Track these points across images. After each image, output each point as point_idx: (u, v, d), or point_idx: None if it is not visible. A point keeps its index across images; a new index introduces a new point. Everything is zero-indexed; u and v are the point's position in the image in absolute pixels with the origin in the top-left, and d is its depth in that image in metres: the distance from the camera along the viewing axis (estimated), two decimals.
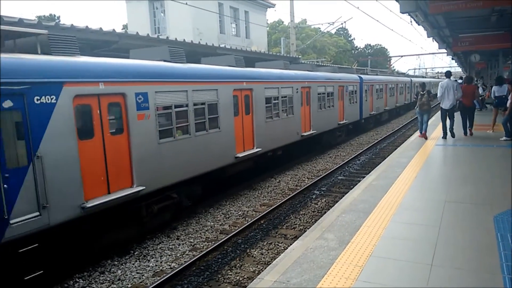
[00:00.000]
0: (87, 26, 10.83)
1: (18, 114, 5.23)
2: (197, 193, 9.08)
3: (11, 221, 5.03)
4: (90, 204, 6.00)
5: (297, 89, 13.39)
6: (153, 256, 7.04)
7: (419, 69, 74.14)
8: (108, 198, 6.30)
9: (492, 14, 8.91)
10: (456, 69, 53.20)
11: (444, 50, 22.44)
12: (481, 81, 23.20)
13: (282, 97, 12.37)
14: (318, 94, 15.29)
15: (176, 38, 14.23)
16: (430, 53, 48.81)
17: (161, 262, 6.77)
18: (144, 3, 21.81)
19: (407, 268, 3.80)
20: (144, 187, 6.98)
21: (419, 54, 64.70)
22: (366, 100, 21.55)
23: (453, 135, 11.60)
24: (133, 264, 6.75)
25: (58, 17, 43.79)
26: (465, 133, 11.91)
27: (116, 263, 6.84)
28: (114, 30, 11.72)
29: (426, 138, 12.00)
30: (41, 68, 5.64)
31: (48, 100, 5.60)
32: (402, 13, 7.77)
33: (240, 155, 10.11)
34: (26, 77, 5.33)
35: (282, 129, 12.38)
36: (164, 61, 8.47)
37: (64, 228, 5.80)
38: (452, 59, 32.52)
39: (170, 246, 7.42)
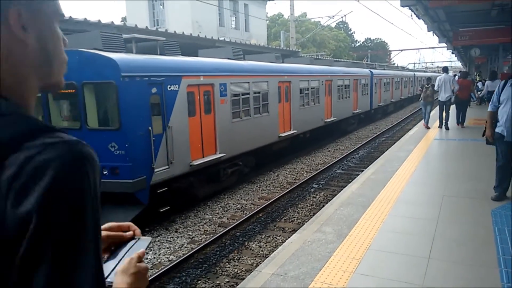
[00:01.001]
0: (85, 19, 10.78)
1: (158, 97, 7.56)
2: (252, 163, 11.25)
3: (155, 170, 7.40)
4: (194, 163, 8.44)
5: (322, 82, 15.73)
6: (151, 248, 7.06)
7: (419, 63, 74.00)
8: (203, 160, 8.75)
9: (492, 8, 8.86)
10: (456, 63, 53.14)
11: (444, 44, 22.36)
12: (479, 76, 23.20)
13: (311, 88, 14.72)
14: (338, 86, 17.70)
15: (175, 31, 14.17)
16: (430, 47, 48.69)
17: (159, 255, 6.79)
18: None
19: (405, 261, 3.81)
20: (224, 154, 9.44)
21: (419, 48, 64.81)
22: (375, 93, 23.65)
23: (447, 128, 12.46)
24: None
25: None
26: (458, 123, 12.90)
27: None
28: (112, 22, 11.68)
29: (428, 128, 13.07)
30: (170, 65, 8.18)
31: (174, 88, 7.92)
32: (403, 6, 7.73)
33: (282, 134, 12.58)
34: (163, 72, 7.75)
35: (311, 115, 14.78)
36: (228, 58, 10.77)
37: (179, 178, 8.17)
38: (452, 53, 32.43)
39: (169, 239, 7.44)
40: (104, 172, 7.08)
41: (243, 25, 24.66)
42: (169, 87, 7.80)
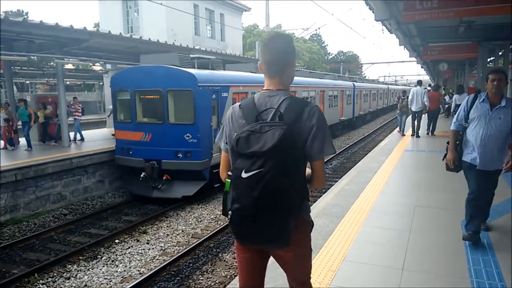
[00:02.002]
0: (57, 23, 10.48)
1: (215, 102, 10.36)
2: None
3: (213, 155, 10.03)
4: None
5: (317, 92, 19.32)
6: (122, 261, 6.83)
7: (389, 76, 76.06)
8: None
9: (460, 24, 9.21)
10: (424, 77, 54.90)
11: (414, 59, 23.08)
12: (444, 90, 24.10)
13: (310, 97, 18.09)
14: (329, 96, 21.20)
15: (149, 38, 14.00)
16: (400, 61, 50.15)
17: (130, 267, 6.58)
18: (117, 2, 21.34)
19: (379, 272, 3.82)
20: None
21: (389, 62, 66.61)
22: (356, 103, 26.99)
23: (417, 136, 13.43)
24: (101, 269, 6.53)
25: (26, 13, 42.27)
26: (428, 133, 13.86)
27: (82, 268, 6.60)
28: (85, 28, 11.39)
29: (404, 135, 14.11)
30: (223, 78, 11.17)
31: (225, 94, 10.71)
32: (377, 20, 7.91)
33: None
34: (219, 83, 10.62)
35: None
36: (251, 72, 13.58)
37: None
38: (422, 67, 33.51)
39: (140, 251, 7.23)
40: (179, 155, 9.76)
41: (218, 34, 24.66)
42: (222, 94, 10.66)
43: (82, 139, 13.66)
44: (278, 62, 2.00)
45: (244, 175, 1.72)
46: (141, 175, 9.84)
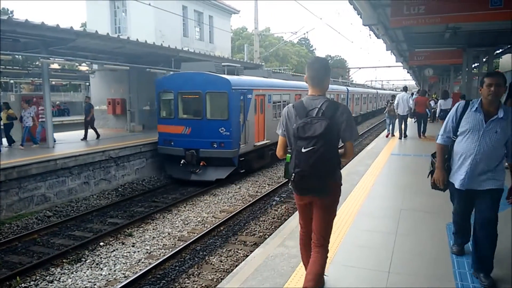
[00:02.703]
0: (42, 22, 10.33)
1: (242, 102, 12.43)
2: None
3: (241, 146, 12.23)
4: (256, 144, 13.52)
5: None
6: (106, 264, 6.74)
7: (375, 81, 76.85)
8: (259, 143, 13.86)
9: (446, 30, 9.36)
10: (410, 82, 55.67)
11: (400, 64, 23.39)
12: (434, 94, 24.44)
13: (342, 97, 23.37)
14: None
15: (137, 39, 13.88)
16: (387, 66, 50.76)
17: (114, 271, 6.49)
18: (105, 2, 21.13)
19: (366, 275, 3.83)
20: (269, 141, 14.51)
21: (376, 66, 67.34)
22: (349, 106, 28.98)
23: (405, 136, 14.08)
24: (85, 272, 6.43)
25: (11, 12, 41.56)
26: (419, 136, 14.29)
27: (66, 271, 6.49)
28: (71, 27, 11.25)
29: (393, 135, 14.85)
30: (248, 83, 13.30)
31: (250, 96, 12.78)
32: (365, 25, 7.99)
33: None
34: (246, 86, 12.70)
35: None
36: (264, 77, 15.92)
37: (248, 153, 13.11)
38: (408, 72, 33.96)
39: (125, 254, 7.14)
40: (214, 145, 11.99)
41: (207, 36, 24.59)
42: (248, 96, 12.82)
43: (35, 143, 12.29)
44: (318, 77, 2.99)
45: (303, 150, 2.74)
46: (181, 162, 12.15)
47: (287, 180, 3.28)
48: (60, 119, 30.33)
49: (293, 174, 2.79)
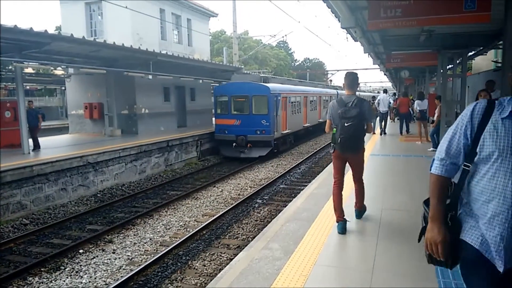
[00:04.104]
0: (15, 25, 10.05)
1: (275, 102, 17.51)
2: (298, 136, 22.55)
3: (274, 133, 17.40)
4: (282, 132, 18.58)
5: (317, 97, 27.74)
6: (86, 271, 6.59)
7: None
8: (284, 132, 19.02)
9: (421, 33, 9.57)
10: (387, 84, 56.68)
11: (377, 66, 23.78)
12: (411, 96, 25.00)
13: (313, 101, 26.37)
14: (323, 100, 29.34)
15: (114, 42, 13.67)
16: (364, 69, 51.67)
17: (95, 278, 6.35)
18: (80, 4, 20.72)
19: (350, 275, 3.87)
20: (289, 130, 19.67)
21: (354, 69, 68.20)
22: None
23: (385, 133, 15.64)
24: (64, 281, 6.27)
25: None
26: (401, 133, 15.48)
27: (44, 280, 6.31)
28: (46, 31, 10.99)
29: (374, 133, 15.39)
30: (278, 88, 18.52)
31: (279, 98, 17.88)
32: (343, 28, 8.08)
33: (305, 125, 23.72)
34: (277, 91, 18.00)
35: (313, 116, 26.04)
36: (281, 83, 21.06)
37: (277, 139, 18.11)
38: (385, 74, 34.58)
39: (105, 261, 7.00)
40: (258, 132, 16.78)
41: (186, 39, 24.40)
42: (278, 98, 17.75)
43: None
44: (351, 84, 4.91)
45: (345, 124, 4.61)
46: (233, 144, 17.17)
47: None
48: None
49: (339, 139, 4.72)
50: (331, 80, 56.70)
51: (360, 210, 5.38)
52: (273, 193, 11.46)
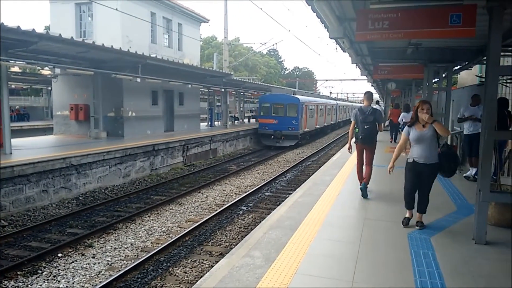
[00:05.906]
0: (2, 23, 9.89)
1: (302, 109, 25.57)
2: (311, 135, 30.04)
3: (300, 130, 25.15)
4: (304, 130, 26.48)
5: (324, 106, 34.80)
6: (64, 276, 6.44)
7: (341, 93, 78.71)
8: (305, 130, 26.87)
9: (408, 46, 9.71)
10: (375, 95, 57.43)
11: (365, 77, 24.05)
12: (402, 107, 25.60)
13: (321, 109, 33.27)
14: (327, 108, 36.51)
15: (103, 44, 13.56)
16: (352, 79, 52.13)
17: (73, 283, 6.21)
18: (70, 5, 20.53)
19: (330, 285, 3.85)
20: (308, 129, 27.59)
21: (343, 79, 68.89)
22: (335, 114, 42.43)
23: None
24: (41, 285, 6.13)
25: None
26: (391, 140, 17.06)
27: (20, 284, 6.15)
28: (34, 30, 10.84)
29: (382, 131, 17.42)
30: (303, 99, 26.94)
31: (302, 105, 25.53)
32: (331, 38, 8.14)
33: (317, 126, 31.74)
34: (302, 101, 25.97)
35: (323, 120, 34.39)
36: (301, 95, 28.78)
37: (301, 135, 25.96)
38: (372, 85, 34.98)
39: (84, 265, 6.86)
40: (289, 129, 24.39)
41: (176, 44, 24.34)
42: (303, 106, 25.47)
43: None
44: (369, 98, 7.34)
45: (365, 127, 7.17)
46: (271, 137, 24.36)
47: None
48: (19, 124, 29.02)
49: (360, 136, 7.17)
50: (319, 91, 57.16)
51: (366, 183, 7.35)
52: (258, 201, 11.42)
